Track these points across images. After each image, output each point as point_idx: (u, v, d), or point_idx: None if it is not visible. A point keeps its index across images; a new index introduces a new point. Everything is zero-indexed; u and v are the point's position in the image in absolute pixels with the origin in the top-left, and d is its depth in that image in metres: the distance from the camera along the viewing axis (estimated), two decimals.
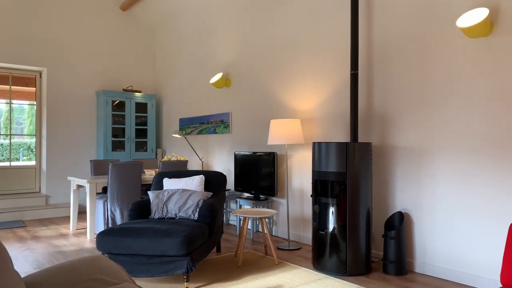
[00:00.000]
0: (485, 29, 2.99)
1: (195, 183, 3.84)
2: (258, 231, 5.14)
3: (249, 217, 3.80)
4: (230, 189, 5.63)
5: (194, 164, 6.64)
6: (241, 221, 5.05)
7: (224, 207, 5.45)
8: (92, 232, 4.82)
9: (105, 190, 5.35)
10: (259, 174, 4.94)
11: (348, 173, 3.41)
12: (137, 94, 7.25)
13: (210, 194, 3.81)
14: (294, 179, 4.75)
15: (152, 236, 2.99)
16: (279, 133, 4.31)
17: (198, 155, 6.24)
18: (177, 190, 3.73)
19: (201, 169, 6.37)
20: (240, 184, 5.21)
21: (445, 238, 3.34)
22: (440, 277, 3.36)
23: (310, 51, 4.57)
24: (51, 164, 6.71)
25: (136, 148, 7.32)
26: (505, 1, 2.99)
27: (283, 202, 4.88)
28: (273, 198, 5.02)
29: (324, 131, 4.40)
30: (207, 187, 3.97)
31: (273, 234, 5.00)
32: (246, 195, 5.43)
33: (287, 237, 4.70)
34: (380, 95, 3.84)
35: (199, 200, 3.62)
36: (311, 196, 3.68)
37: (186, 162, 5.37)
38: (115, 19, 7.43)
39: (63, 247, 4.42)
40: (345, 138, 4.17)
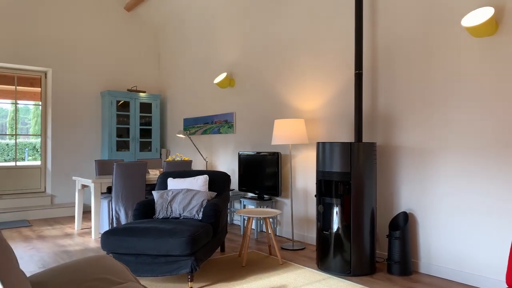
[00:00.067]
0: (490, 28, 2.97)
1: (199, 183, 3.85)
2: (262, 231, 5.14)
3: (253, 217, 3.80)
4: (234, 189, 5.63)
5: (198, 164, 6.65)
6: (245, 221, 5.06)
7: (228, 207, 5.46)
8: (97, 231, 4.84)
9: (109, 190, 5.37)
10: (263, 174, 4.94)
11: (352, 173, 3.41)
12: (141, 94, 7.28)
13: (214, 194, 3.82)
14: (298, 179, 4.74)
15: (157, 236, 3.00)
16: (283, 133, 4.30)
17: (202, 155, 6.25)
18: (182, 190, 3.74)
19: (205, 169, 6.37)
20: (244, 184, 5.21)
21: (450, 239, 3.33)
22: (445, 277, 3.35)
23: (314, 51, 4.56)
24: (56, 164, 6.75)
25: (141, 148, 7.34)
26: (510, 0, 2.97)
27: (287, 202, 4.88)
28: (277, 198, 5.02)
29: (328, 131, 4.40)
30: (211, 187, 3.98)
31: (277, 234, 5.00)
32: (250, 195, 5.43)
33: (291, 237, 4.70)
34: (384, 95, 3.83)
35: (203, 200, 3.63)
36: (315, 196, 3.68)
37: (190, 162, 5.38)
38: (120, 19, 7.46)
39: (68, 247, 4.45)
40: (349, 138, 4.16)
